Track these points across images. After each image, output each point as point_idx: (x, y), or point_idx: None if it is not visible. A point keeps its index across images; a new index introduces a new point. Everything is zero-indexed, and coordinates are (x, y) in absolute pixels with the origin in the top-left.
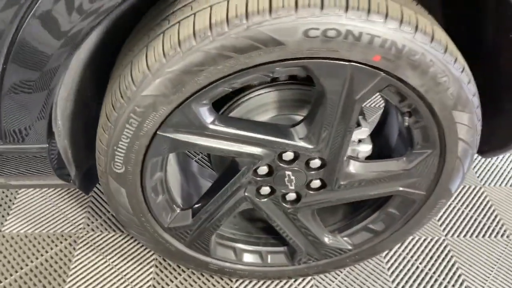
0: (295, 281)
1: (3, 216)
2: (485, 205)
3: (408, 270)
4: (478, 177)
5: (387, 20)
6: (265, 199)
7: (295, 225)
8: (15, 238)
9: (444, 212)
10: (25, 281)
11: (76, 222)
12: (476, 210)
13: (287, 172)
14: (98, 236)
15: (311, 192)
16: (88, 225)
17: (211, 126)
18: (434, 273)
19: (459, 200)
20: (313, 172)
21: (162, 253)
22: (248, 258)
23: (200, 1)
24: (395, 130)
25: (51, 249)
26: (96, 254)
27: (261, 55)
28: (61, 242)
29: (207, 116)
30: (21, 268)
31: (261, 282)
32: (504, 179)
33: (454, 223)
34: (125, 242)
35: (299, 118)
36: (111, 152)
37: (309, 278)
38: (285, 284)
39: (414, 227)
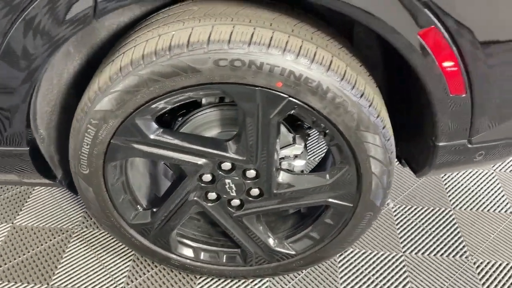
0: (252, 281)
1: (16, 212)
2: (451, 226)
3: (360, 280)
4: (450, 200)
5: (285, 53)
6: (213, 204)
7: (241, 229)
8: (23, 229)
9: (408, 231)
10: (20, 267)
11: (74, 219)
12: (440, 231)
13: (227, 180)
14: (89, 232)
15: (251, 199)
16: (83, 222)
17: (153, 137)
18: (384, 284)
19: (426, 221)
20: (249, 181)
21: (130, 246)
22: (205, 257)
23: (141, 37)
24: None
25: (50, 240)
26: (85, 248)
27: (182, 80)
28: (58, 235)
29: (149, 128)
30: (24, 254)
31: (221, 280)
32: (476, 203)
33: (416, 241)
34: (113, 240)
35: None
36: (77, 156)
37: (266, 279)
38: (242, 283)
39: (348, 236)
